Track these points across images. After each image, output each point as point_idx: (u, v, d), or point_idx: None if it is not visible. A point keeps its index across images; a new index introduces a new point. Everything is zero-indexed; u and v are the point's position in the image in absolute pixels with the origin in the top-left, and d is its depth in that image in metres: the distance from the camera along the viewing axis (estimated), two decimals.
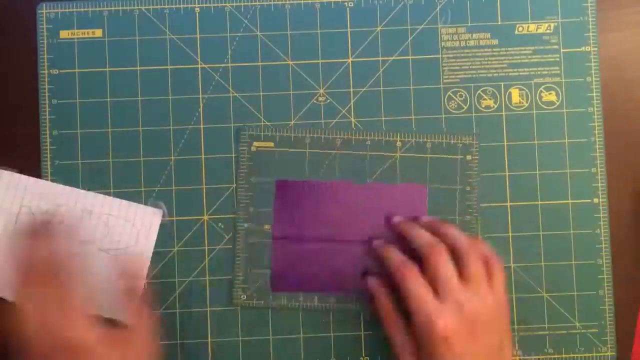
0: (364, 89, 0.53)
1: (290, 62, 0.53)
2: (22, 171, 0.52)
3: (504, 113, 0.53)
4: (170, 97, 0.53)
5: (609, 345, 0.52)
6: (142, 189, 0.52)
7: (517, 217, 0.52)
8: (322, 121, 0.53)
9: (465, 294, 0.44)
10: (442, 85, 0.53)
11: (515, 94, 0.53)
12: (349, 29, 0.53)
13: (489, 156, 0.53)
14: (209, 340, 0.52)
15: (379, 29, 0.53)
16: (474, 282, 0.45)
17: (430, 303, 0.44)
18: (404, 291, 0.45)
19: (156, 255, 0.51)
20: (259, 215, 0.52)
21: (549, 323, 0.52)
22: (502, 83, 0.53)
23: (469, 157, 0.52)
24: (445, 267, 0.45)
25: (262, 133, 0.52)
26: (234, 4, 0.53)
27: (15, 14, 0.53)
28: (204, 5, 0.53)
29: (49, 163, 0.52)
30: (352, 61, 0.53)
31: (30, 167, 0.52)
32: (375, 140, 0.52)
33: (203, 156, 0.52)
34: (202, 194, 0.52)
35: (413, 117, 0.53)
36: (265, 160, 0.52)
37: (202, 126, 0.52)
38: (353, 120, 0.53)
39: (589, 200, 0.52)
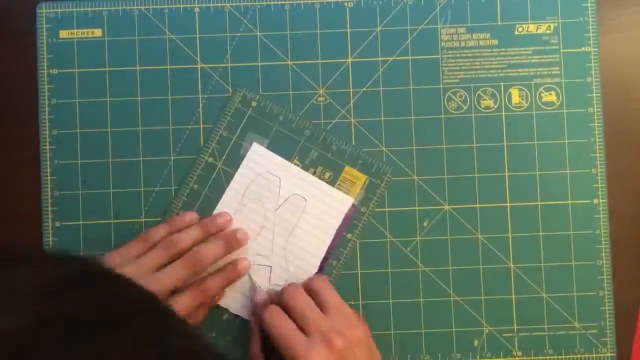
0: (364, 89, 0.53)
1: (289, 62, 0.53)
2: (21, 170, 0.52)
3: (503, 113, 0.53)
4: (169, 97, 0.53)
5: (608, 346, 0.52)
6: (142, 189, 0.52)
7: (516, 218, 0.52)
8: (322, 121, 0.53)
9: (330, 321, 0.44)
10: (441, 86, 0.53)
11: (515, 95, 0.53)
12: (348, 29, 0.53)
13: (488, 157, 0.52)
14: None
15: (378, 29, 0.53)
16: (334, 309, 0.45)
17: (298, 341, 0.42)
18: (273, 336, 0.44)
19: None
20: None
21: (548, 324, 0.52)
22: (502, 83, 0.53)
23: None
24: (302, 301, 0.45)
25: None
26: (234, 4, 0.53)
27: (15, 14, 0.53)
28: (204, 5, 0.53)
29: (48, 163, 0.52)
30: (351, 61, 0.53)
31: (30, 166, 0.52)
32: None
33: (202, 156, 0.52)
34: None
35: (413, 117, 0.53)
36: None
37: (201, 126, 0.52)
38: (352, 120, 0.52)
39: (589, 201, 0.52)
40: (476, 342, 0.52)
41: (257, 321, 0.48)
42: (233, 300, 0.51)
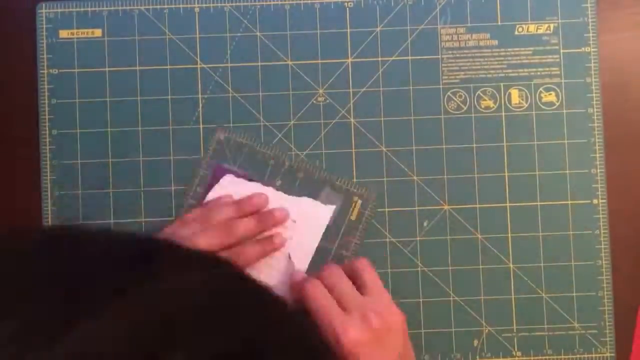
0: (364, 89, 0.53)
1: (289, 62, 0.53)
2: (21, 170, 0.52)
3: (503, 114, 0.53)
4: (169, 97, 0.53)
5: (607, 346, 0.52)
6: (142, 189, 0.52)
7: (516, 218, 0.52)
8: (322, 121, 0.53)
9: (368, 302, 0.44)
10: (441, 86, 0.53)
11: (514, 95, 0.53)
12: (348, 29, 0.53)
13: (488, 157, 0.52)
14: None
15: (378, 29, 0.53)
16: (376, 291, 0.45)
17: (336, 315, 0.42)
18: (311, 309, 0.43)
19: None
20: None
21: (548, 324, 0.52)
22: (501, 84, 0.53)
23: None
24: (342, 280, 0.45)
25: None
26: (234, 4, 0.53)
27: (15, 14, 0.53)
28: (204, 5, 0.53)
29: (48, 162, 0.52)
30: (351, 61, 0.53)
31: (30, 166, 0.52)
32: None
33: (202, 156, 0.52)
34: None
35: (412, 117, 0.53)
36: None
37: (201, 126, 0.52)
38: (352, 120, 0.53)
39: (589, 201, 0.52)
40: (476, 342, 0.52)
41: (293, 301, 0.48)
42: (270, 279, 0.50)
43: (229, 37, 0.53)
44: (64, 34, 0.53)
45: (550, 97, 0.53)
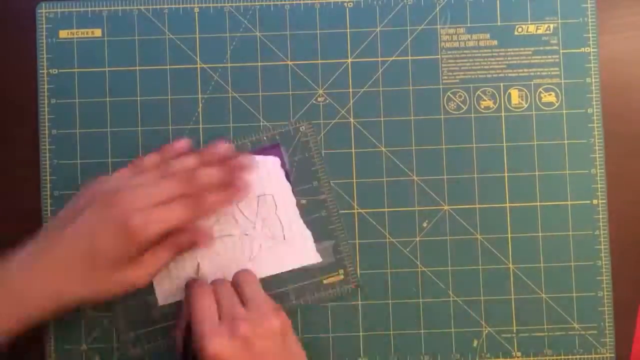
0: (364, 90, 0.53)
1: (289, 63, 0.53)
2: (21, 170, 0.52)
3: (503, 114, 0.53)
4: (169, 97, 0.53)
5: (607, 347, 0.52)
6: None
7: (516, 218, 0.52)
8: (322, 121, 0.53)
9: (244, 312, 0.43)
10: (441, 86, 0.53)
11: (514, 95, 0.53)
12: (348, 30, 0.53)
13: (487, 157, 0.52)
14: None
15: (378, 29, 0.53)
16: (251, 300, 0.44)
17: (208, 322, 0.42)
18: (191, 308, 0.43)
19: None
20: None
21: (547, 324, 0.52)
22: (501, 84, 0.53)
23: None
24: (226, 290, 0.45)
25: None
26: (234, 4, 0.53)
27: (15, 14, 0.53)
28: (203, 5, 0.53)
29: (47, 162, 0.52)
30: (351, 62, 0.53)
31: (29, 166, 0.52)
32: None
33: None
34: None
35: (412, 117, 0.53)
36: None
37: (201, 126, 0.52)
38: (352, 120, 0.53)
39: (588, 202, 0.52)
40: (475, 342, 0.52)
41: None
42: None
43: (228, 37, 0.53)
44: (63, 34, 0.53)
45: (550, 98, 0.53)
